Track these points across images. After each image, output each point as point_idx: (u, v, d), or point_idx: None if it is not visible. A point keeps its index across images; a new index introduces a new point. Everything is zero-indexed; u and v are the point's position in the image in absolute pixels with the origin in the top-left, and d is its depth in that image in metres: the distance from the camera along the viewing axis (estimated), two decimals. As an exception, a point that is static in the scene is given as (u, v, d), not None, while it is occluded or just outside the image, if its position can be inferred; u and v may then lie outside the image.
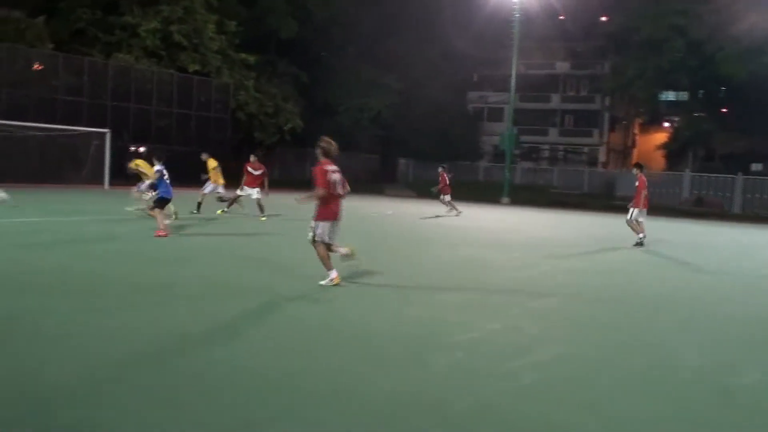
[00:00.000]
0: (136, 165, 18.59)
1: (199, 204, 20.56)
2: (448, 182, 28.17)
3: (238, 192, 20.98)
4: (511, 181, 45.94)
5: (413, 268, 12.33)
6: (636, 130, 74.73)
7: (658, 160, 61.38)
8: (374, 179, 57.58)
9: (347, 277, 10.07)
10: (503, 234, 20.88)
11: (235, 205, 21.24)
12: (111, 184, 32.08)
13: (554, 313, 8.90)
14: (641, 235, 18.00)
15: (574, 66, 70.57)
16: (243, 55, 44.96)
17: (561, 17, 59.18)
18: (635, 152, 72.12)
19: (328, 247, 9.66)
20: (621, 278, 12.53)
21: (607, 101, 68.56)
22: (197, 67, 41.22)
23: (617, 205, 33.56)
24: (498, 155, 59.09)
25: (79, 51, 37.79)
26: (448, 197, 27.94)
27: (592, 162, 67.60)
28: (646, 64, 52.10)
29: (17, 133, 29.33)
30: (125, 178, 24.04)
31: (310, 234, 9.59)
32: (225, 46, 43.67)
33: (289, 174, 55.39)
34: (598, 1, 58.63)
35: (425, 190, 48.07)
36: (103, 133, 33.55)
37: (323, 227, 9.54)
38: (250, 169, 21.05)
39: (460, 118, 61.88)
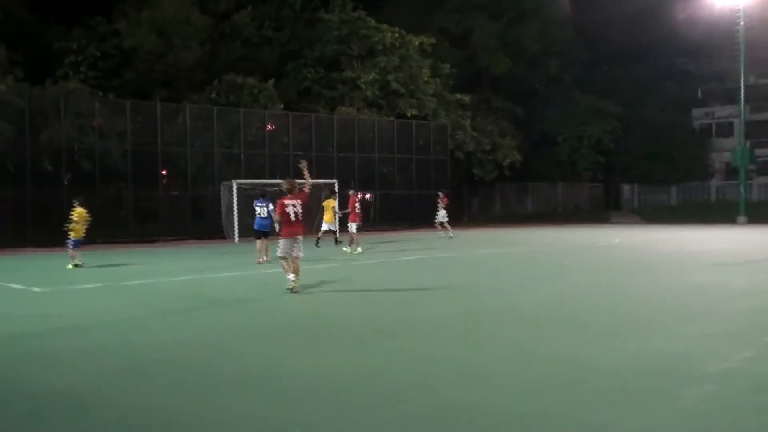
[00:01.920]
0: None
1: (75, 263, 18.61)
2: (357, 208, 23.37)
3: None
4: (747, 198, 43.02)
5: (651, 297, 11.86)
6: None
7: None
8: (598, 207, 56.14)
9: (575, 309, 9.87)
10: (743, 256, 19.58)
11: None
12: (341, 230, 33.61)
13: (813, 340, 8.24)
14: None
15: (811, 69, 64.99)
16: (458, 96, 45.88)
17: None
18: None
19: (294, 266, 12.73)
20: None
21: None
22: (415, 112, 42.55)
23: None
24: (730, 172, 55.61)
25: (306, 108, 40.33)
26: (354, 226, 23.07)
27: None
28: None
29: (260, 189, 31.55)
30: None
31: (278, 251, 12.82)
32: (440, 89, 44.81)
33: (509, 208, 55.35)
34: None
35: (653, 216, 46.26)
36: (331, 184, 35.31)
37: (284, 243, 12.68)
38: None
39: (685, 138, 58.93)
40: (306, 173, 13.20)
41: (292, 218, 12.63)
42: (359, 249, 22.49)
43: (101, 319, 10.61)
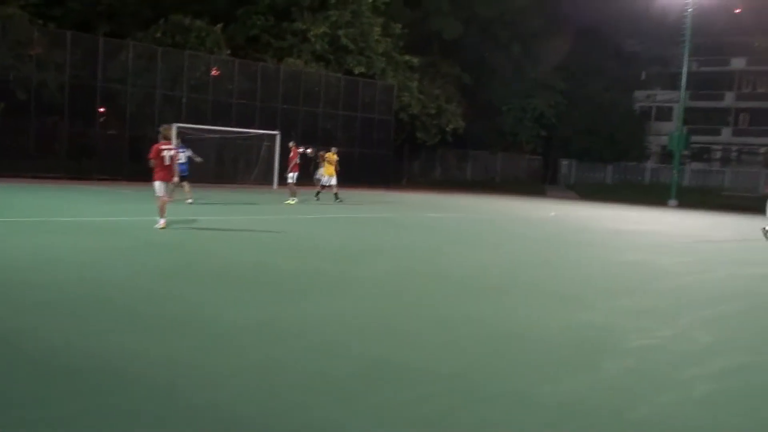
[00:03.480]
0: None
1: None
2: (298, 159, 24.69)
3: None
4: (679, 182, 44.18)
5: (580, 272, 12.16)
6: (821, 130, 69.58)
7: None
8: (535, 180, 56.93)
9: (521, 280, 10.06)
10: (672, 238, 20.12)
11: None
12: (279, 184, 33.38)
13: (730, 321, 8.56)
14: None
15: (751, 62, 66.57)
16: (407, 57, 45.66)
17: (737, 11, 56.04)
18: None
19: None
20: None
21: (789, 99, 64.23)
22: (362, 70, 42.25)
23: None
24: (666, 156, 57.02)
25: (253, 56, 39.70)
26: (292, 176, 24.41)
27: (770, 163, 63.58)
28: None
29: (196, 135, 31.05)
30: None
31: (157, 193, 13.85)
32: (390, 48, 44.52)
33: (449, 174, 55.71)
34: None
35: (588, 192, 47.12)
36: (273, 135, 34.96)
37: (158, 185, 13.75)
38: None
39: (626, 118, 60.11)
40: (169, 134, 15.22)
41: (166, 162, 13.85)
42: (295, 200, 23.42)
43: (21, 255, 10.35)
